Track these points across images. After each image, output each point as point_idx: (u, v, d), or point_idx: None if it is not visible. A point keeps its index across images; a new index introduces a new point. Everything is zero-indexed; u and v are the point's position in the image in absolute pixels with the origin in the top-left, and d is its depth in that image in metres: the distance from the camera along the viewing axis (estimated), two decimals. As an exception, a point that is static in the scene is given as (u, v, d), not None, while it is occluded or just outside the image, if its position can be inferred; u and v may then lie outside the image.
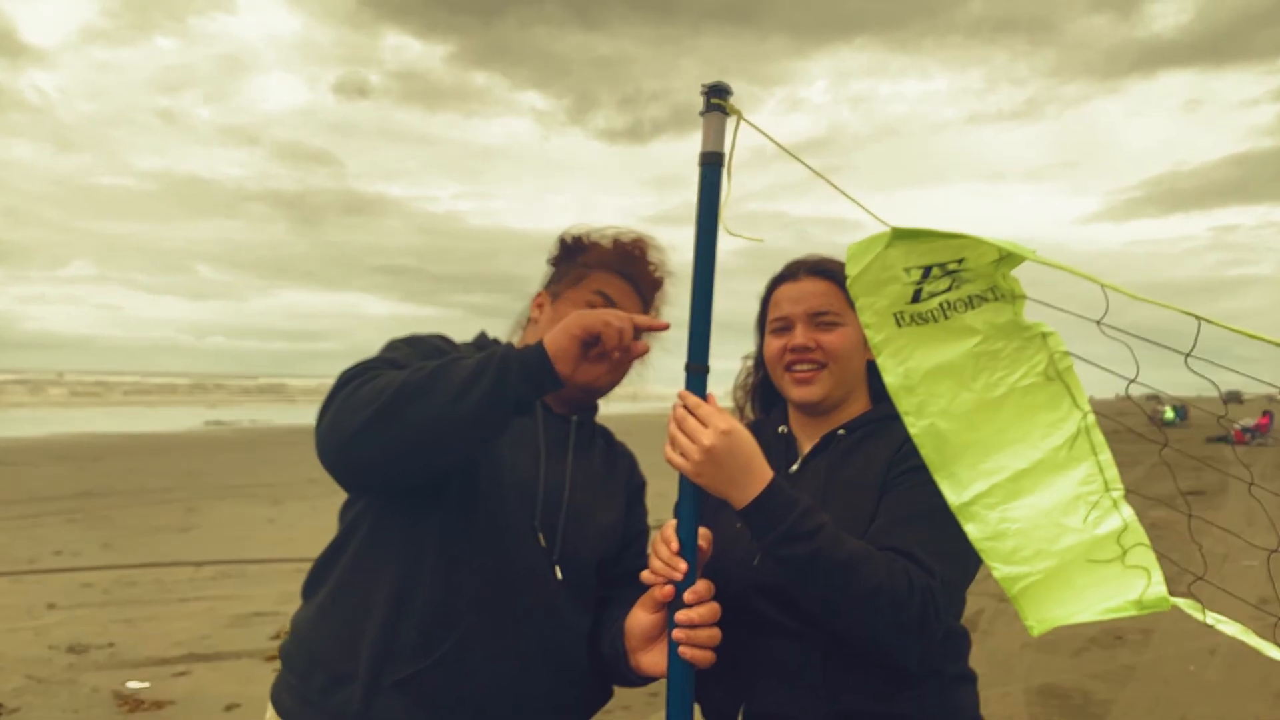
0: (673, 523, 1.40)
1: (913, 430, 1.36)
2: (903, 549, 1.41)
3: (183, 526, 9.89)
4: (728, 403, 1.62)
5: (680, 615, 1.34)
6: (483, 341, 1.69)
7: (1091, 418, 1.30)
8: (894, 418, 1.56)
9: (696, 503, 1.35)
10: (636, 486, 1.79)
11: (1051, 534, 1.28)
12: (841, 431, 1.63)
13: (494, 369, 1.31)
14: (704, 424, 1.33)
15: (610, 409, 1.76)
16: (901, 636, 1.36)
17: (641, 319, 1.42)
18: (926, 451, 1.35)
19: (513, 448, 1.54)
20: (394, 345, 1.54)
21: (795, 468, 1.64)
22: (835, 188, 1.27)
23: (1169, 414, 28.68)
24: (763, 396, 1.81)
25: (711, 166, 1.29)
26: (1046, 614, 1.29)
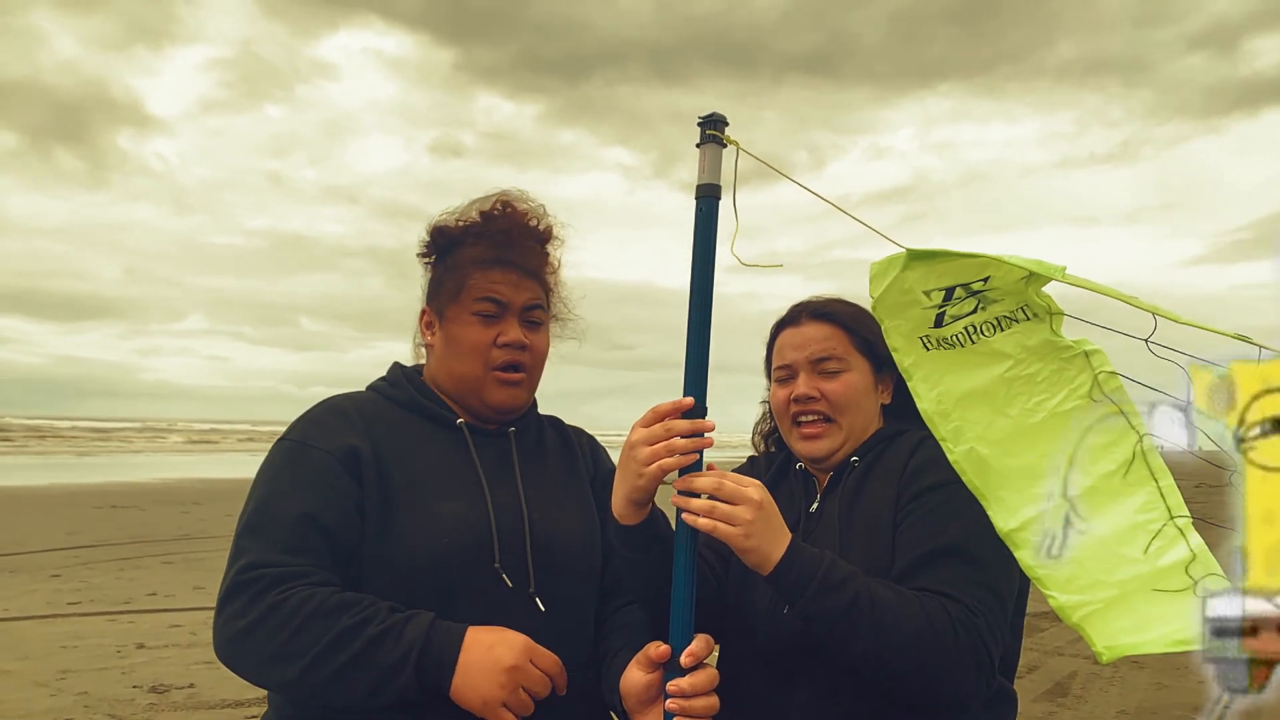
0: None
1: (952, 456, 1.29)
2: (934, 589, 1.34)
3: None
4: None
5: (672, 686, 1.25)
6: (395, 378, 1.59)
7: (1149, 441, 1.19)
8: (902, 432, 1.48)
9: (693, 561, 1.27)
10: (606, 476, 1.62)
11: (1109, 564, 1.19)
12: (855, 459, 1.56)
13: (394, 691, 1.27)
14: (741, 485, 1.27)
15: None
16: (956, 675, 1.29)
17: None
18: (969, 477, 1.29)
19: (447, 492, 1.44)
20: (269, 472, 1.43)
21: (815, 506, 1.57)
22: (843, 211, 1.22)
23: None
24: (779, 440, 1.74)
25: (707, 199, 1.24)
26: (1115, 641, 1.19)
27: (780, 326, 1.64)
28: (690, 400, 1.26)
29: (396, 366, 1.62)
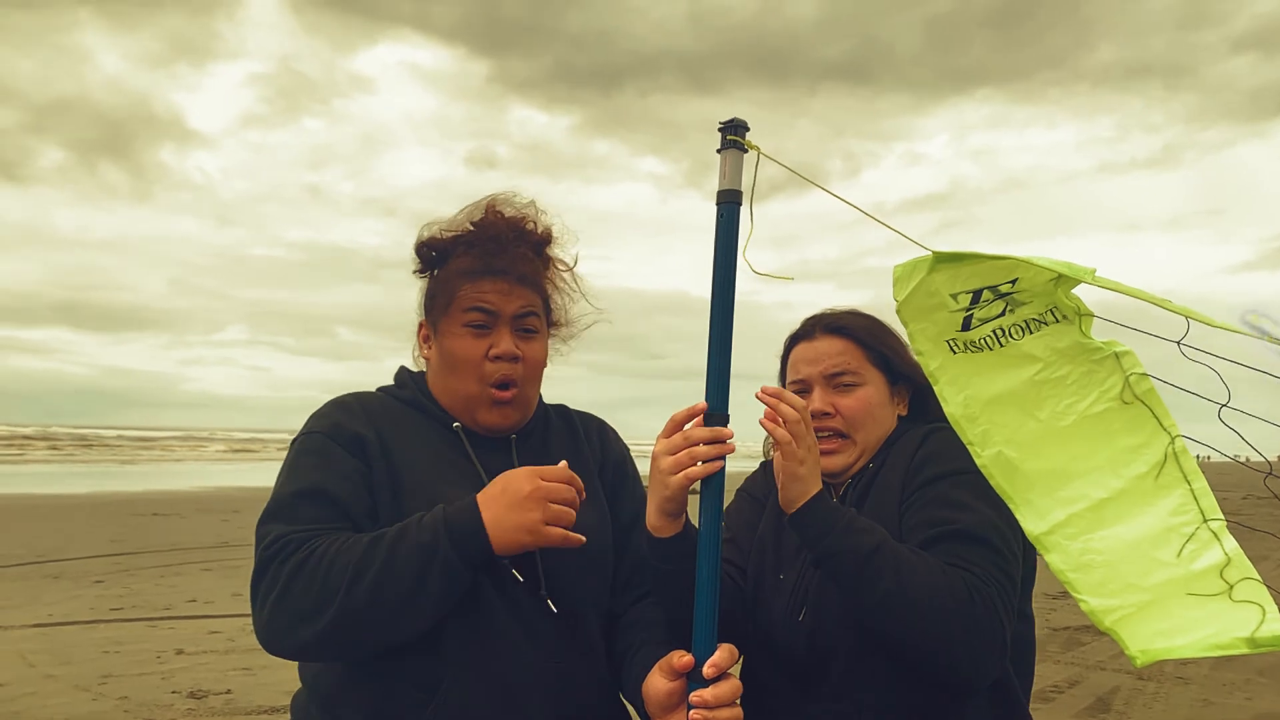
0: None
1: (980, 460, 1.28)
2: (948, 562, 1.35)
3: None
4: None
5: (695, 697, 1.24)
6: (401, 380, 1.60)
7: (1180, 443, 1.17)
8: (909, 429, 1.48)
9: (716, 571, 1.26)
10: (616, 461, 1.61)
11: (1141, 567, 1.17)
12: (871, 465, 1.57)
13: (438, 571, 1.28)
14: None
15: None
16: (969, 639, 1.29)
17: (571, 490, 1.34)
18: (997, 481, 1.28)
19: (451, 481, 1.44)
20: (290, 464, 1.46)
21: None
22: (869, 215, 1.21)
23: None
24: None
25: (729, 205, 1.24)
26: (1149, 644, 1.17)
27: (794, 340, 1.63)
28: (704, 405, 1.26)
29: (403, 370, 1.62)
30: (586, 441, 1.61)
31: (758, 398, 1.38)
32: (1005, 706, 1.47)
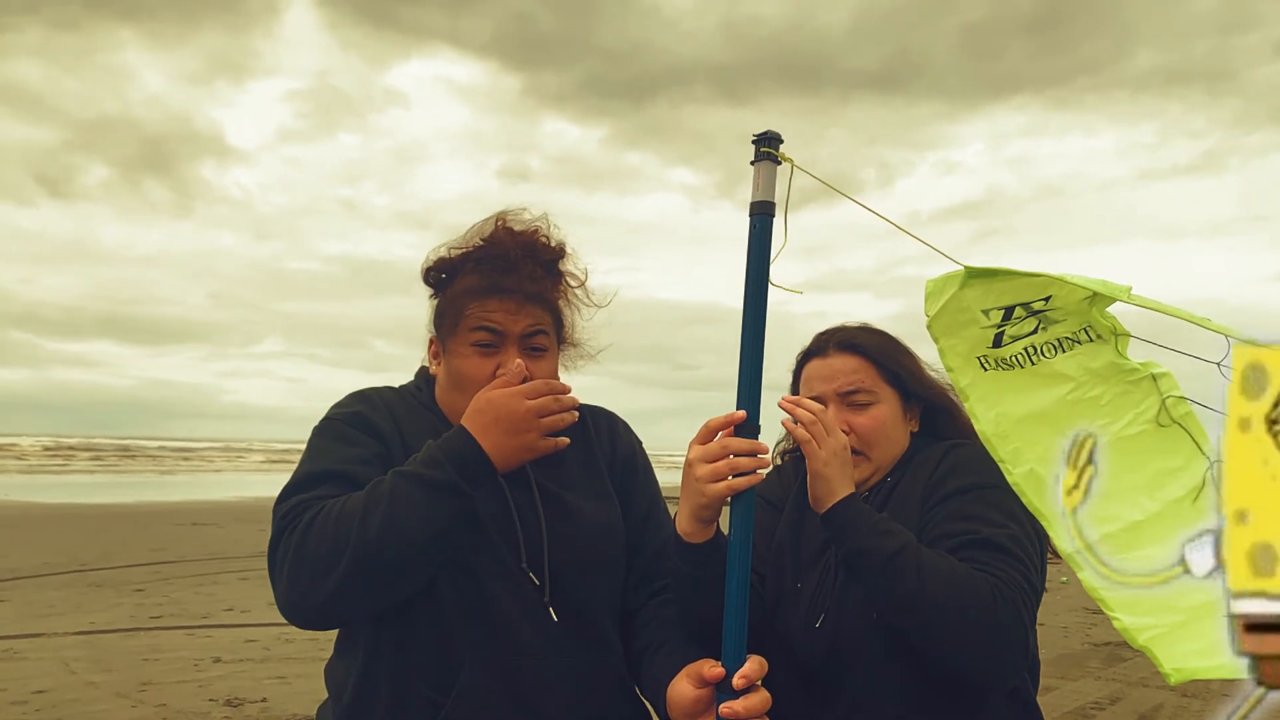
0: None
1: (1011, 478, 1.29)
2: (972, 568, 1.35)
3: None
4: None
5: (725, 709, 1.24)
6: (420, 381, 1.60)
7: (1220, 467, 1.16)
8: (922, 448, 1.48)
9: (746, 582, 1.26)
10: (626, 456, 1.59)
11: (1176, 590, 1.17)
12: (889, 479, 1.57)
13: (447, 499, 1.31)
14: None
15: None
16: (992, 639, 1.28)
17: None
18: (1029, 498, 1.28)
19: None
20: (311, 446, 1.48)
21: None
22: (899, 227, 1.21)
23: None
24: (799, 456, 1.74)
25: (762, 217, 1.24)
26: (1184, 663, 1.17)
27: (807, 356, 1.63)
28: (743, 414, 1.26)
29: (424, 371, 1.62)
30: (595, 438, 1.60)
31: (780, 405, 1.41)
32: (1024, 716, 1.47)
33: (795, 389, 1.66)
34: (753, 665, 1.25)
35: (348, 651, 1.50)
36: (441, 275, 1.55)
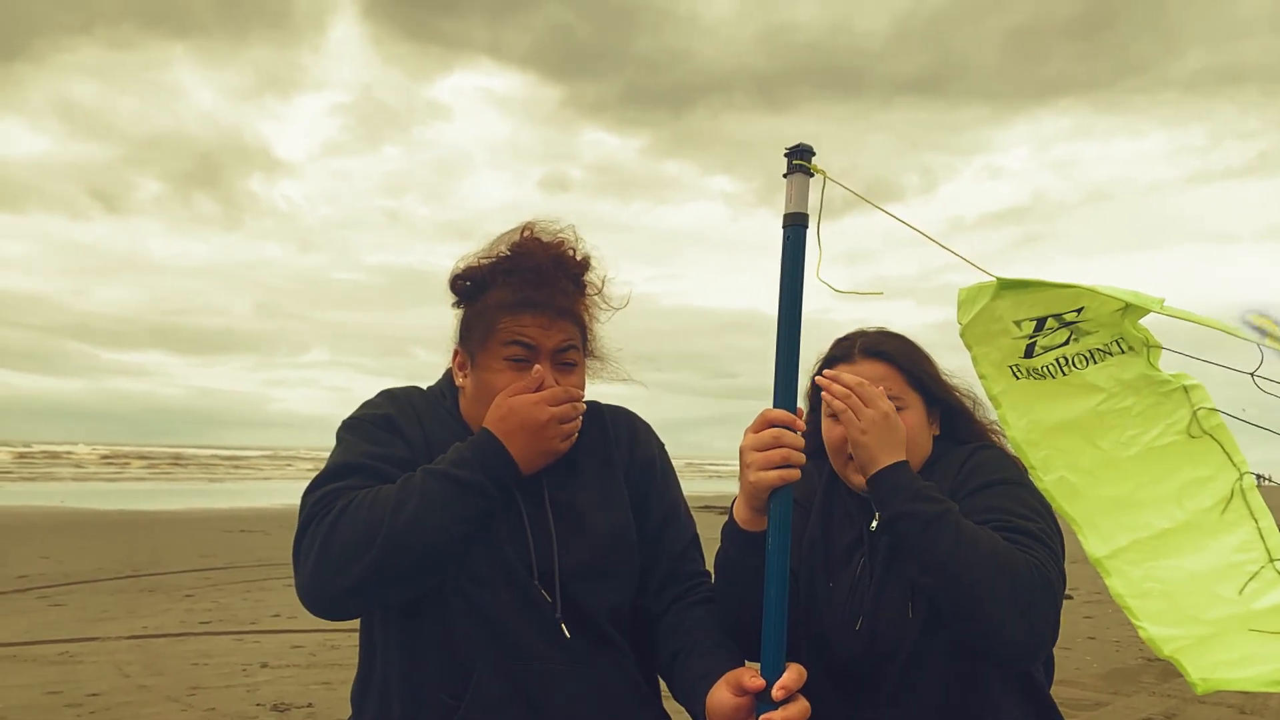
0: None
1: (1042, 484, 1.32)
2: None
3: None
4: None
5: None
6: (445, 387, 1.61)
7: (1249, 479, 1.18)
8: (947, 451, 1.50)
9: (785, 590, 1.25)
10: (644, 461, 1.58)
11: (1202, 601, 1.18)
12: None
13: (474, 501, 1.36)
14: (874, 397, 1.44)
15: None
16: (1026, 608, 1.29)
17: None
18: (1059, 504, 1.30)
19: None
20: (342, 440, 1.51)
21: (875, 524, 1.58)
22: (920, 231, 1.21)
23: None
24: (821, 462, 1.75)
25: (795, 228, 1.25)
26: (1213, 674, 1.17)
27: (831, 362, 1.64)
28: (802, 424, 1.30)
29: (449, 377, 1.62)
30: (615, 443, 1.59)
31: (816, 382, 1.48)
32: (1047, 713, 1.50)
33: (815, 397, 1.67)
34: (792, 675, 1.25)
35: (364, 665, 1.54)
36: (470, 285, 1.55)
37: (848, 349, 1.63)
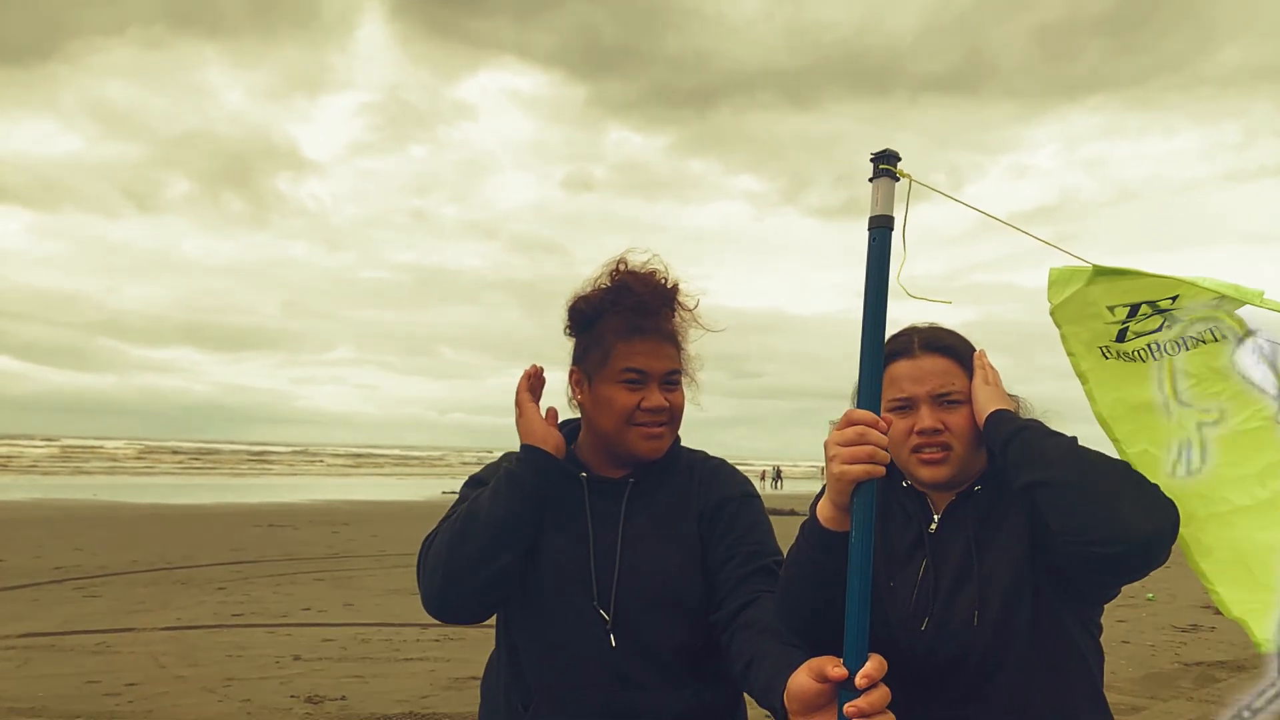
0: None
1: (1125, 455, 1.35)
2: None
3: (414, 589, 10.56)
4: None
5: (850, 708, 1.25)
6: (570, 434, 1.79)
7: None
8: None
9: (868, 582, 1.25)
10: (717, 502, 1.71)
11: (1275, 572, 1.22)
12: (978, 488, 1.59)
13: (533, 504, 1.60)
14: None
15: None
16: (1144, 505, 1.30)
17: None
18: (1143, 476, 1.33)
19: (557, 533, 1.65)
20: (461, 497, 1.75)
21: (934, 527, 1.60)
22: (1013, 226, 1.19)
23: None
24: None
25: (881, 230, 1.24)
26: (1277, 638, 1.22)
27: (891, 357, 1.63)
28: (886, 425, 1.31)
29: (568, 426, 1.81)
30: (695, 486, 1.74)
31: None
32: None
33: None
34: (874, 664, 1.26)
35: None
36: (584, 314, 1.74)
37: (906, 344, 1.63)
